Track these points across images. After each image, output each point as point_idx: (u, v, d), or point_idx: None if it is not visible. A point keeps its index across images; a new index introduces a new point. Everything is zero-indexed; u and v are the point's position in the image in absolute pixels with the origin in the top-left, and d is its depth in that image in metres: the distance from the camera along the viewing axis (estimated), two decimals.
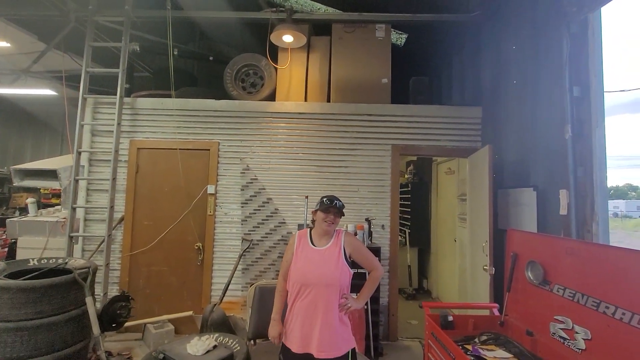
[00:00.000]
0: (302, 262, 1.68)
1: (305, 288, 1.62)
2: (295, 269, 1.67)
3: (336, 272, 1.65)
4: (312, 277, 1.63)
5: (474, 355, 1.64)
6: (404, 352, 3.15)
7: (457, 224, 4.11)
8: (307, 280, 1.62)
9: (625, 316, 1.25)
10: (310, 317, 1.59)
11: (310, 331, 1.59)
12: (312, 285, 1.61)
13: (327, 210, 1.69)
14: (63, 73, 3.75)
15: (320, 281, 1.62)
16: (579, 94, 2.17)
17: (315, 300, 1.60)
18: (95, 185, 3.44)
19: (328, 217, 1.69)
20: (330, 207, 1.69)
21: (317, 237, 1.75)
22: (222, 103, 3.54)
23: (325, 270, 1.64)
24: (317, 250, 1.70)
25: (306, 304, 1.61)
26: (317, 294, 1.60)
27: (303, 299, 1.62)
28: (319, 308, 1.59)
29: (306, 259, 1.68)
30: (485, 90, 3.46)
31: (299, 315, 1.61)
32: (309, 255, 1.69)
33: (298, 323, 1.61)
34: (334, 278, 1.63)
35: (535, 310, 1.71)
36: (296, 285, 1.64)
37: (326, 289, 1.61)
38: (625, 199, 12.49)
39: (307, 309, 1.60)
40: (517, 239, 1.94)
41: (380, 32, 3.61)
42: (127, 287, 3.32)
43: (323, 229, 1.71)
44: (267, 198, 3.48)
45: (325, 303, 1.60)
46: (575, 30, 2.18)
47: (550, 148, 2.40)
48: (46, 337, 2.07)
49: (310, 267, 1.65)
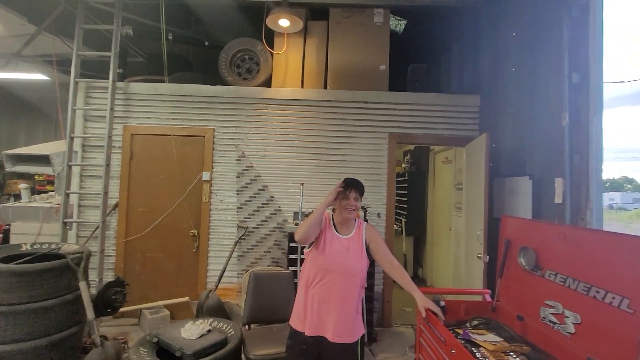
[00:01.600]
0: (327, 246, 1.64)
1: (326, 274, 1.60)
2: (320, 254, 1.63)
3: (359, 263, 1.64)
4: (336, 265, 1.60)
5: (464, 339, 1.66)
6: (397, 338, 3.20)
7: (452, 213, 4.12)
8: (331, 267, 1.60)
9: (615, 300, 1.26)
10: (328, 303, 1.58)
11: (326, 316, 1.58)
12: (334, 272, 1.59)
13: (346, 192, 1.64)
14: (54, 57, 3.66)
15: (344, 270, 1.60)
16: (578, 81, 2.14)
17: (336, 288, 1.59)
18: (89, 172, 3.41)
19: (350, 200, 1.64)
20: (350, 191, 1.63)
21: (339, 224, 1.71)
22: (217, 89, 3.48)
23: (349, 261, 1.63)
24: (340, 239, 1.67)
25: (326, 289, 1.59)
26: (338, 282, 1.59)
27: (323, 284, 1.60)
28: (338, 295, 1.58)
29: (331, 246, 1.64)
30: (483, 78, 3.42)
31: (316, 301, 1.59)
32: (333, 242, 1.66)
33: (315, 308, 1.59)
34: (357, 269, 1.63)
35: (527, 296, 1.73)
36: (319, 270, 1.61)
37: (348, 279, 1.60)
38: (621, 191, 12.59)
39: (325, 295, 1.59)
40: (510, 225, 1.95)
41: (379, 17, 3.54)
42: (122, 273, 3.32)
43: (344, 216, 1.67)
44: (263, 185, 3.46)
45: (346, 291, 1.60)
46: (576, 14, 2.13)
47: (547, 136, 2.38)
48: (40, 321, 2.07)
49: (335, 256, 1.62)
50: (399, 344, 3.07)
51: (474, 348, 1.58)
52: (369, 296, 3.04)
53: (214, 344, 1.94)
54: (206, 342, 1.95)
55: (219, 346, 1.95)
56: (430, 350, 1.72)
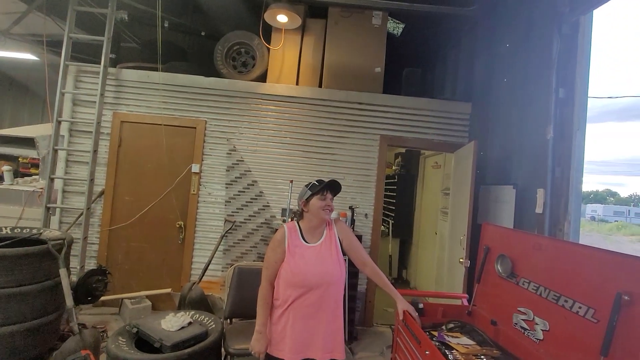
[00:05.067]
0: (299, 261, 1.49)
1: (306, 291, 1.45)
2: (292, 271, 1.47)
3: (338, 269, 1.52)
4: (314, 278, 1.46)
5: (439, 341, 1.70)
6: (377, 337, 3.25)
7: (439, 217, 4.19)
8: (309, 283, 1.45)
9: (582, 310, 1.31)
10: (312, 321, 1.46)
11: (311, 336, 1.46)
12: (314, 287, 1.46)
13: (323, 192, 1.50)
14: (44, 37, 3.57)
15: (323, 281, 1.47)
16: (564, 96, 2.20)
17: (318, 303, 1.46)
18: (75, 157, 3.35)
19: (327, 201, 1.51)
20: (327, 186, 1.51)
21: (309, 231, 1.57)
22: (211, 80, 3.45)
23: (327, 269, 1.49)
24: (311, 248, 1.53)
25: (307, 307, 1.46)
26: (320, 296, 1.46)
27: (303, 302, 1.46)
28: (323, 309, 1.47)
29: (302, 259, 1.49)
30: (476, 86, 3.47)
31: (297, 321, 1.45)
32: (304, 254, 1.50)
33: (296, 329, 1.45)
34: (338, 275, 1.51)
35: (501, 302, 1.78)
36: (295, 289, 1.46)
37: (331, 289, 1.48)
38: (604, 203, 12.94)
39: (308, 313, 1.46)
40: (490, 233, 2.00)
41: (377, 19, 3.55)
42: (105, 261, 3.29)
43: (322, 218, 1.53)
44: (253, 180, 3.46)
45: (330, 303, 1.49)
46: (566, 32, 2.19)
47: (533, 148, 2.45)
48: (17, 307, 2.05)
49: (309, 268, 1.47)
50: (378, 343, 3.13)
51: (447, 350, 1.63)
52: (351, 295, 3.08)
53: (193, 337, 1.94)
54: (186, 334, 1.95)
55: (198, 339, 1.96)
56: (406, 350, 1.76)
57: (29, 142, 3.23)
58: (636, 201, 23.38)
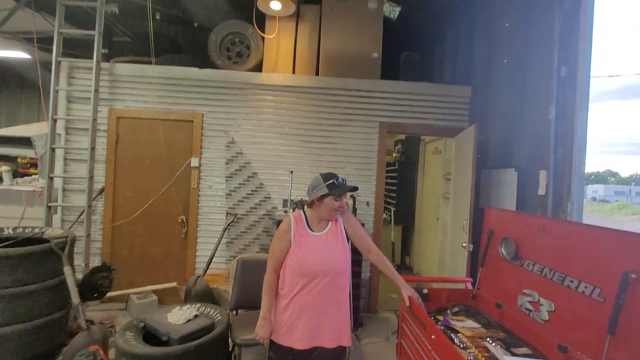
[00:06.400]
0: (305, 251, 1.50)
1: (312, 280, 1.47)
2: (298, 260, 1.49)
3: (344, 257, 1.54)
4: (321, 267, 1.48)
5: (444, 325, 1.71)
6: (382, 323, 3.29)
7: (440, 202, 4.17)
8: (315, 272, 1.47)
9: (587, 289, 1.31)
10: (319, 310, 1.48)
11: (319, 324, 1.48)
12: (321, 275, 1.47)
13: (340, 195, 1.51)
14: (34, 34, 3.50)
15: (330, 270, 1.49)
16: (566, 74, 2.16)
17: (325, 291, 1.48)
18: (73, 155, 3.33)
19: (341, 202, 1.52)
20: (345, 189, 1.52)
21: (315, 220, 1.58)
22: (207, 72, 3.40)
23: (334, 257, 1.51)
24: (317, 237, 1.54)
25: (314, 296, 1.47)
26: (327, 284, 1.48)
27: (309, 291, 1.47)
28: (330, 298, 1.49)
29: (309, 248, 1.51)
30: (476, 68, 3.41)
31: (305, 310, 1.47)
32: (311, 243, 1.52)
33: (303, 318, 1.47)
34: (344, 263, 1.53)
35: (506, 284, 1.78)
36: (301, 278, 1.48)
37: (338, 277, 1.51)
38: (605, 183, 12.92)
39: (315, 302, 1.47)
40: (493, 216, 1.99)
41: (373, 2, 3.46)
42: (109, 258, 3.30)
43: (332, 216, 1.56)
44: (253, 172, 3.44)
45: (336, 291, 1.51)
46: (567, 8, 2.13)
47: (534, 129, 2.42)
48: (24, 306, 2.06)
49: (315, 257, 1.49)
50: (384, 329, 3.16)
51: (452, 334, 1.64)
52: (356, 283, 3.09)
53: (200, 329, 1.96)
54: (193, 327, 1.97)
55: (205, 331, 1.97)
56: (411, 335, 1.77)
57: (26, 141, 3.20)
58: (637, 180, 23.31)
